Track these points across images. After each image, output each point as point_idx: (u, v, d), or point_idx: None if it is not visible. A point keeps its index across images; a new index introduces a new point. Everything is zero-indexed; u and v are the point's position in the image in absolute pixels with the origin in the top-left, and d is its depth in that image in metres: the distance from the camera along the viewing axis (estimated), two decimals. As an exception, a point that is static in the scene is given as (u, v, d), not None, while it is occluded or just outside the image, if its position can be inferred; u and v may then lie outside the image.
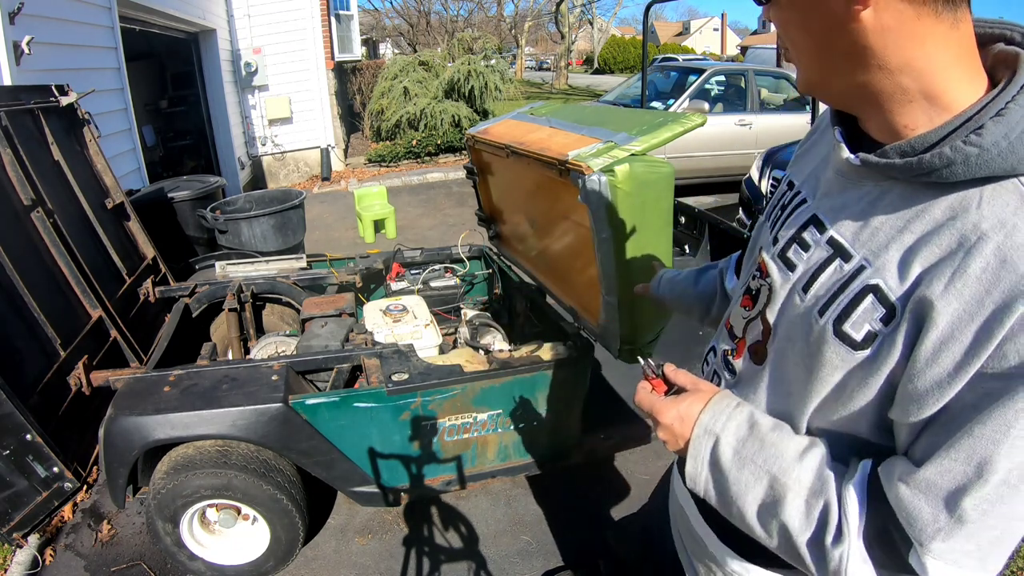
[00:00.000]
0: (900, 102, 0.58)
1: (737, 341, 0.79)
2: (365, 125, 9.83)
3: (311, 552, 2.07)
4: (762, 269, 0.74)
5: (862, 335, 0.59)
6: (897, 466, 0.58)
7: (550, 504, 2.28)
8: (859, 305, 0.59)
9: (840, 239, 0.63)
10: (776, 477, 0.63)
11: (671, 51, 32.61)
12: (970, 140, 0.52)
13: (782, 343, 0.69)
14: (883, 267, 0.58)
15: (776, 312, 0.70)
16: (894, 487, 0.56)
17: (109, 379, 1.91)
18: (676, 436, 0.72)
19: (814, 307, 0.63)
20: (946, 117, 0.57)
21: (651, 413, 0.73)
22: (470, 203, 6.03)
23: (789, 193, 0.78)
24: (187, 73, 7.20)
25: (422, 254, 3.01)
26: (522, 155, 1.84)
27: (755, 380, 0.74)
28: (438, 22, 22.43)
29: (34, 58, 3.20)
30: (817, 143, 0.81)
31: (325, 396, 1.78)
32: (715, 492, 0.69)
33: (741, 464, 0.66)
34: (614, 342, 1.79)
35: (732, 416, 0.69)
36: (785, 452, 0.65)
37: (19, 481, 1.70)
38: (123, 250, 2.66)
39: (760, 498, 0.64)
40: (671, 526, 1.03)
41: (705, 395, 0.72)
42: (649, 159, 1.47)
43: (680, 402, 0.72)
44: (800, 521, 0.61)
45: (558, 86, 22.01)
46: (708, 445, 0.69)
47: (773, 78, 7.38)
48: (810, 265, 0.66)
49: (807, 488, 0.62)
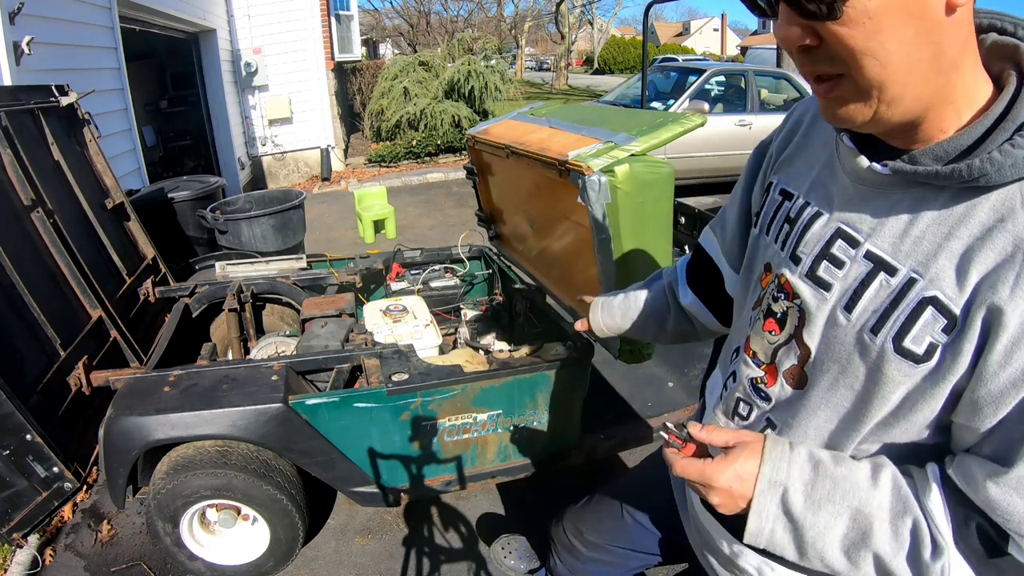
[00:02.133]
0: (944, 104, 0.55)
1: (764, 367, 0.75)
2: (365, 125, 9.83)
3: (311, 552, 2.07)
4: (787, 290, 0.70)
5: (924, 348, 0.57)
6: (974, 466, 0.57)
7: (550, 504, 2.28)
8: (919, 319, 0.57)
9: (879, 252, 0.61)
10: (859, 510, 0.61)
11: (671, 51, 32.61)
12: (1016, 142, 0.51)
13: (828, 365, 0.65)
14: (937, 277, 0.56)
15: (817, 335, 0.66)
16: (983, 489, 0.56)
17: (109, 379, 1.91)
18: (736, 498, 0.66)
19: (864, 326, 0.61)
20: (968, 116, 0.55)
21: (702, 480, 0.67)
22: (470, 203, 6.03)
23: (790, 204, 0.74)
24: (187, 73, 7.20)
25: (422, 254, 3.00)
26: (522, 155, 1.84)
27: (796, 405, 0.70)
28: (438, 22, 22.44)
29: (34, 58, 3.20)
30: (804, 147, 0.77)
31: (325, 396, 1.78)
32: (789, 543, 0.65)
33: (817, 508, 0.63)
34: (614, 342, 1.79)
35: (793, 461, 0.65)
36: (859, 482, 0.62)
37: (19, 481, 1.69)
38: (123, 250, 2.66)
39: (843, 535, 0.62)
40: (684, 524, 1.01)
41: (757, 447, 0.67)
42: (649, 159, 1.47)
43: (732, 461, 0.67)
44: (892, 545, 0.60)
45: (558, 86, 22.01)
46: (775, 498, 0.65)
47: (773, 78, 7.38)
48: (849, 283, 0.63)
49: (889, 511, 0.60)
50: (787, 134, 0.81)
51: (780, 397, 0.73)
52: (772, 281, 0.74)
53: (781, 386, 0.72)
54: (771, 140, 0.86)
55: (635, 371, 3.03)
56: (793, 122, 0.81)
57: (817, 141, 0.75)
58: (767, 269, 0.76)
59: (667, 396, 2.87)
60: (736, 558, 0.81)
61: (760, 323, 0.75)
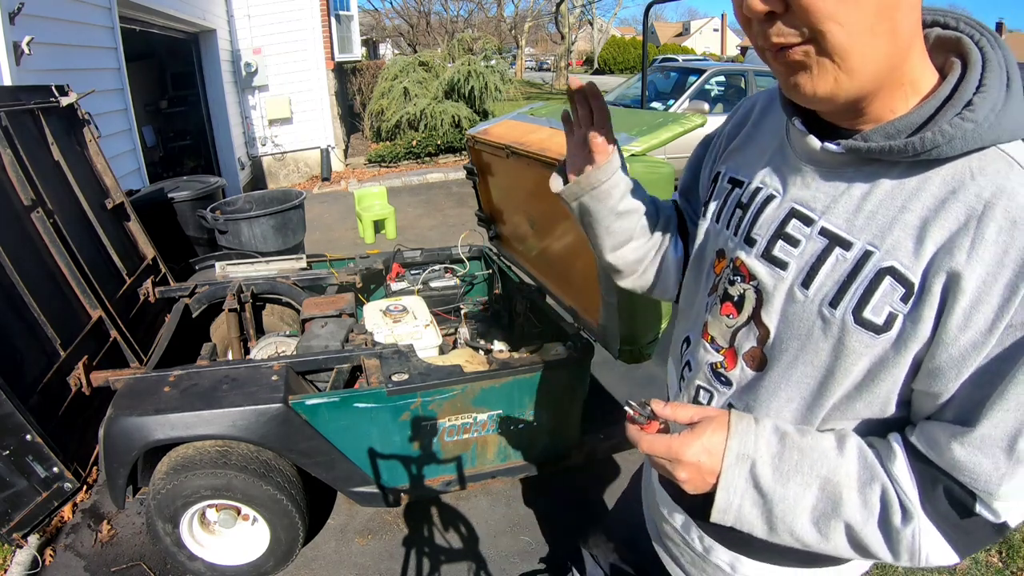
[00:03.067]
0: (894, 86, 0.57)
1: (724, 351, 0.75)
2: (365, 125, 9.83)
3: (311, 552, 2.07)
4: (743, 273, 0.71)
5: (883, 318, 0.58)
6: (936, 431, 0.59)
7: (550, 504, 2.28)
8: (876, 289, 0.58)
9: (833, 228, 0.62)
10: (827, 479, 0.62)
11: (671, 51, 32.62)
12: (965, 116, 0.54)
13: (788, 343, 0.66)
14: (894, 248, 0.58)
15: (775, 314, 0.67)
16: (948, 451, 0.57)
17: (109, 379, 1.91)
18: (704, 472, 0.66)
19: (823, 300, 0.62)
20: (915, 101, 0.58)
21: (668, 455, 0.66)
22: (470, 203, 6.03)
23: (740, 191, 0.75)
24: (187, 73, 7.20)
25: (422, 254, 3.01)
26: (522, 155, 1.84)
27: (758, 387, 0.71)
28: (438, 22, 22.44)
29: (34, 58, 3.20)
30: (754, 136, 0.78)
31: (325, 396, 1.78)
32: (758, 517, 0.65)
33: (785, 479, 0.63)
34: (614, 342, 1.79)
35: (759, 434, 0.66)
36: (826, 451, 0.63)
37: (19, 481, 1.69)
38: (123, 250, 2.66)
39: (813, 505, 0.63)
40: (647, 524, 1.02)
41: (723, 420, 0.67)
42: (649, 159, 1.47)
43: (699, 435, 0.66)
44: (861, 513, 0.61)
45: (558, 86, 22.02)
46: (743, 471, 0.65)
47: (773, 78, 7.36)
48: (805, 260, 0.64)
49: (857, 479, 0.61)
50: (736, 125, 0.83)
51: (741, 380, 0.73)
52: (727, 266, 0.74)
53: (741, 369, 0.73)
54: (717, 133, 0.88)
55: (635, 371, 3.04)
56: (742, 114, 0.83)
57: (767, 130, 0.77)
58: (720, 256, 0.77)
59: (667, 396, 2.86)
60: (708, 554, 0.83)
61: (717, 307, 0.75)
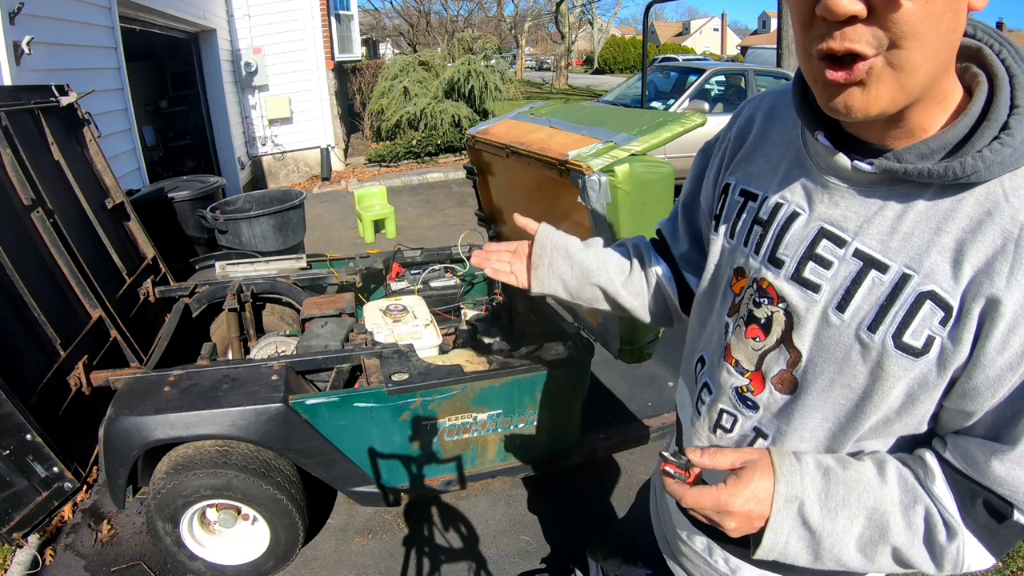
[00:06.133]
0: (931, 102, 0.55)
1: (749, 375, 0.73)
2: (365, 125, 9.83)
3: (311, 552, 2.07)
4: (770, 294, 0.68)
5: (922, 342, 0.58)
6: (972, 447, 0.60)
7: (550, 504, 2.28)
8: (917, 313, 0.58)
9: (867, 250, 0.61)
10: (874, 509, 0.62)
11: (671, 51, 32.62)
12: (1004, 141, 0.53)
13: (823, 367, 0.65)
14: (933, 272, 0.57)
15: (808, 337, 0.65)
16: (987, 468, 0.58)
17: (109, 379, 1.91)
18: (753, 519, 0.65)
19: (861, 324, 0.61)
20: (946, 116, 0.56)
21: (718, 508, 0.65)
22: (470, 203, 6.04)
23: (755, 204, 0.72)
24: (187, 73, 7.21)
25: (422, 254, 3.01)
26: (522, 155, 1.84)
27: (790, 411, 0.69)
28: (438, 22, 22.44)
29: (34, 58, 3.20)
30: (762, 145, 0.75)
31: (325, 396, 1.78)
32: (803, 550, 0.65)
33: (833, 515, 0.63)
34: (614, 342, 1.79)
35: (804, 472, 0.65)
36: (870, 481, 0.63)
37: (19, 481, 1.70)
38: (123, 250, 2.66)
39: (859, 535, 0.63)
40: (659, 541, 1.01)
41: (766, 463, 0.66)
42: (649, 159, 1.47)
43: (747, 483, 0.65)
44: (907, 535, 0.62)
45: (558, 86, 22.02)
46: (792, 512, 0.64)
47: (773, 78, 7.37)
48: (839, 282, 0.62)
49: (900, 503, 0.62)
50: (739, 133, 0.79)
51: (769, 404, 0.71)
52: (749, 286, 0.72)
53: (770, 393, 0.71)
54: (717, 140, 0.84)
55: (635, 371, 3.04)
56: (744, 120, 0.79)
57: (777, 139, 0.73)
58: (739, 274, 0.74)
59: (667, 396, 2.87)
60: (734, 574, 0.82)
61: (742, 330, 0.72)
